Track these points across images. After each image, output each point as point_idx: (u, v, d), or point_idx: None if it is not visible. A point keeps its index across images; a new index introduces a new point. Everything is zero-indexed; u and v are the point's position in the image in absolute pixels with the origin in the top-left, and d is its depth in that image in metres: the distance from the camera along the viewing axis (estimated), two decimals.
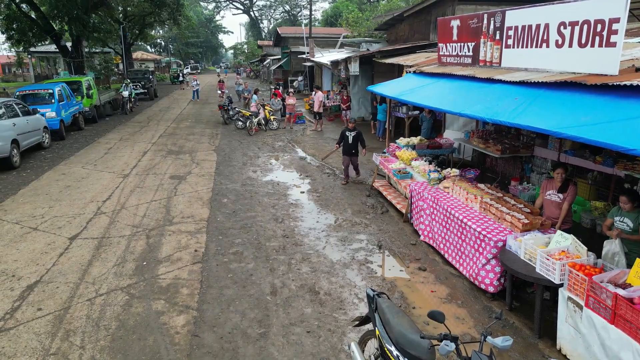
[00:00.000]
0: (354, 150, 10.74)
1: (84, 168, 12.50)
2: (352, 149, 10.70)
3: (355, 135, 10.66)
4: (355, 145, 10.72)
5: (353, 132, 10.68)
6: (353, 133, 10.67)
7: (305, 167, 12.81)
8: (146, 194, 10.21)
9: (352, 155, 10.78)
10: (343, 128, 11.01)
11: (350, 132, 10.70)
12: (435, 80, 9.15)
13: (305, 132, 18.58)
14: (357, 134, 10.67)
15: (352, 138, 10.65)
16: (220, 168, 12.64)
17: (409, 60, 12.69)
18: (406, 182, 8.86)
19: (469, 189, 7.09)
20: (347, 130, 10.76)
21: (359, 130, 10.74)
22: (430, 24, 16.34)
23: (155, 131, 18.68)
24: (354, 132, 10.69)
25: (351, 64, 17.65)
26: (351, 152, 10.73)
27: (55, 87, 17.27)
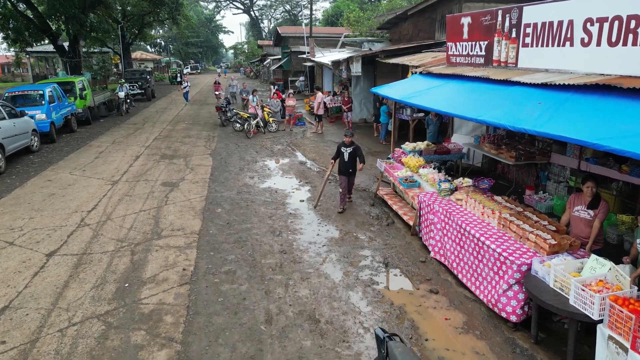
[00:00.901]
0: (351, 169, 9.19)
1: (72, 174, 11.85)
2: (349, 167, 9.14)
3: (352, 151, 9.07)
4: (352, 164, 9.15)
5: (349, 149, 9.07)
6: (349, 149, 9.06)
7: (305, 173, 12.16)
8: (135, 203, 9.56)
9: (349, 174, 9.25)
10: (339, 142, 9.44)
11: (347, 147, 9.08)
12: (444, 82, 8.49)
13: (305, 135, 17.92)
14: (353, 151, 9.06)
15: (348, 155, 9.05)
16: (216, 174, 11.98)
17: (414, 61, 12.04)
18: (414, 191, 8.21)
19: (485, 202, 6.43)
20: (343, 145, 9.17)
21: (356, 145, 9.12)
22: (436, 23, 15.69)
23: (150, 134, 18.03)
24: (350, 148, 9.07)
25: (353, 64, 16.99)
26: (347, 171, 9.19)
27: (46, 88, 16.63)
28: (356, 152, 9.08)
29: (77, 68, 34.05)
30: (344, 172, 9.21)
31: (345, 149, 9.10)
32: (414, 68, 11.61)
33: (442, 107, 6.78)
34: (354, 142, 9.19)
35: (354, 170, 9.29)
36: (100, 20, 39.44)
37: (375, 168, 12.32)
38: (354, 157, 9.12)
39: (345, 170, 9.18)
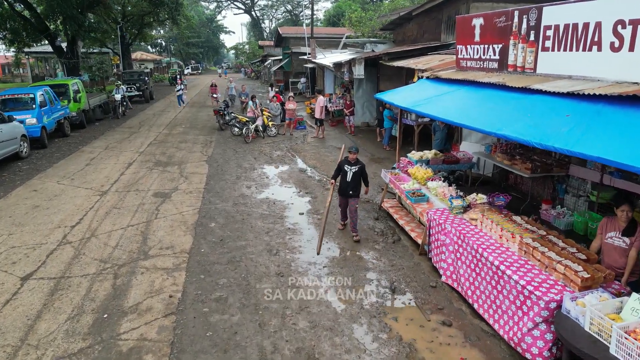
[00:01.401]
0: (353, 190, 7.81)
1: (59, 183, 11.25)
2: (351, 188, 7.79)
3: (357, 171, 7.77)
4: (355, 184, 7.81)
5: (354, 167, 7.75)
6: (354, 168, 7.74)
7: (305, 182, 11.54)
8: (123, 216, 8.96)
9: (350, 196, 7.84)
10: (341, 159, 8.12)
11: (351, 166, 7.77)
12: (455, 88, 7.87)
13: (305, 140, 17.31)
14: (359, 170, 7.78)
15: (351, 175, 7.74)
16: (211, 183, 11.38)
17: (420, 64, 11.42)
18: (422, 206, 7.58)
19: (503, 224, 5.81)
20: (346, 163, 7.86)
21: (362, 164, 7.88)
22: (442, 24, 15.07)
23: (145, 138, 17.44)
24: (355, 167, 7.76)
25: (355, 66, 16.38)
26: (348, 192, 7.82)
27: (37, 92, 16.05)
28: (362, 173, 7.84)
29: (75, 69, 33.53)
30: (344, 193, 7.90)
31: (349, 168, 7.79)
32: (420, 72, 10.99)
33: (455, 118, 6.16)
34: (360, 161, 7.91)
35: (357, 192, 7.90)
36: (99, 21, 38.97)
37: (378, 176, 11.71)
38: (358, 177, 7.81)
39: (346, 191, 7.85)
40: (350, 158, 7.86)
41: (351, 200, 7.90)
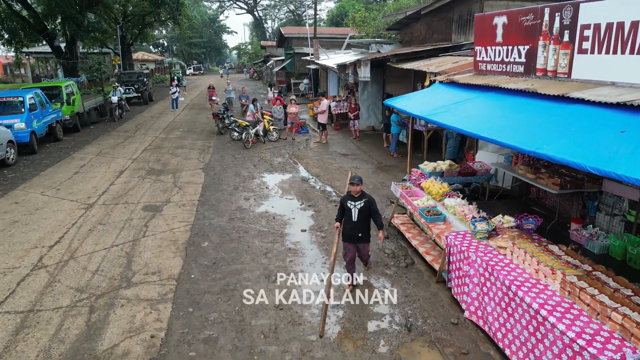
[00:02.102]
0: (362, 232, 6.18)
1: (44, 194, 10.48)
2: (359, 230, 6.15)
3: (364, 206, 6.06)
4: (363, 225, 6.16)
5: (359, 203, 6.06)
6: (360, 204, 6.06)
7: (307, 193, 10.73)
8: (107, 234, 8.16)
9: (359, 240, 6.24)
10: (342, 196, 6.52)
11: (355, 201, 6.08)
12: (475, 95, 7.05)
13: (308, 145, 16.50)
14: (365, 205, 6.06)
15: (357, 213, 6.06)
16: (207, 194, 10.58)
17: (432, 66, 10.60)
18: (438, 227, 6.77)
19: (539, 255, 4.97)
20: (349, 198, 6.16)
21: (369, 198, 6.12)
22: (453, 23, 14.24)
23: (140, 143, 16.65)
24: (360, 202, 6.07)
25: (361, 67, 15.58)
26: (357, 235, 6.18)
27: (27, 95, 15.31)
28: (370, 208, 6.11)
29: (73, 70, 32.84)
30: (351, 237, 6.21)
31: (353, 204, 6.08)
32: (432, 75, 10.19)
33: (482, 131, 5.33)
34: (366, 193, 6.21)
35: (367, 235, 6.27)
36: (99, 21, 38.31)
37: (386, 186, 10.91)
38: (366, 214, 6.12)
39: (353, 234, 6.18)
40: (353, 191, 6.11)
41: (361, 245, 6.32)
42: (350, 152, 14.84)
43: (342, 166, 13.05)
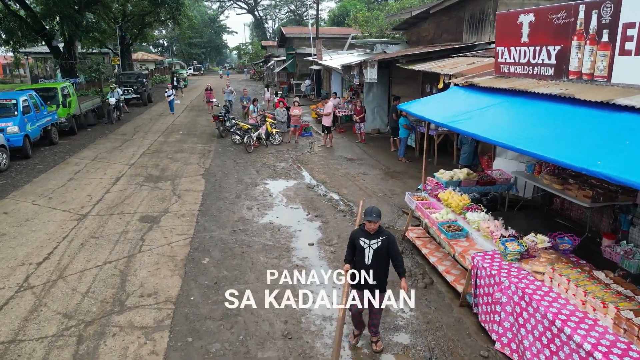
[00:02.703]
0: (377, 279, 4.79)
1: (35, 203, 9.90)
2: (373, 276, 4.76)
3: (381, 247, 4.72)
4: (379, 270, 4.78)
5: (376, 241, 4.73)
6: (376, 243, 4.72)
7: (313, 202, 10.15)
8: (101, 249, 7.58)
9: (373, 288, 4.82)
10: (353, 231, 5.01)
11: (370, 239, 4.74)
12: (500, 100, 6.46)
13: (312, 149, 15.92)
14: (383, 245, 4.73)
15: (372, 254, 4.72)
16: (207, 203, 10.00)
17: (446, 68, 10.02)
18: (460, 243, 6.19)
19: (584, 283, 4.39)
20: (362, 234, 4.80)
21: (388, 236, 4.77)
22: (464, 22, 13.66)
23: (138, 147, 16.07)
24: (377, 240, 4.73)
25: (367, 68, 15.00)
26: (369, 283, 4.80)
27: (20, 97, 14.72)
28: (389, 250, 4.76)
29: (72, 70, 32.30)
30: (365, 285, 4.79)
31: (366, 243, 4.73)
32: (446, 77, 9.62)
33: (518, 142, 4.73)
34: (384, 229, 4.83)
35: (383, 283, 4.85)
36: (98, 20, 37.78)
37: (396, 194, 10.35)
38: (383, 257, 4.75)
39: (366, 281, 4.78)
40: (370, 228, 4.70)
41: (375, 294, 4.85)
42: (357, 157, 14.27)
43: (349, 172, 12.47)
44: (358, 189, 10.97)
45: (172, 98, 25.15)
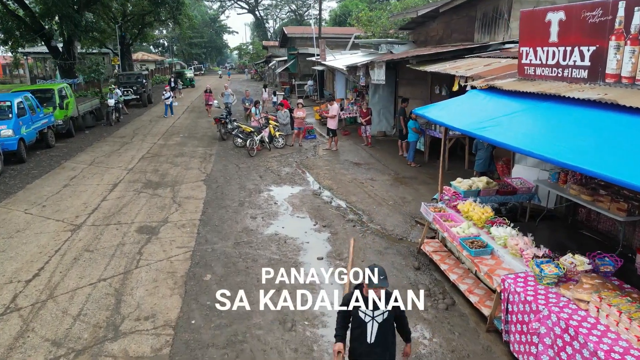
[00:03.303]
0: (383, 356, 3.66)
1: (27, 212, 9.39)
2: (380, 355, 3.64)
3: (387, 320, 3.60)
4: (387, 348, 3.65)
5: (381, 313, 3.58)
6: (381, 315, 3.58)
7: (320, 210, 9.63)
8: (95, 264, 7.07)
9: None
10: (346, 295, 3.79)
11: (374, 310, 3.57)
12: (529, 105, 5.94)
13: (317, 152, 15.41)
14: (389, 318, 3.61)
15: (375, 330, 3.57)
16: (209, 212, 9.49)
17: (460, 69, 9.49)
18: (486, 262, 5.67)
19: (638, 316, 3.88)
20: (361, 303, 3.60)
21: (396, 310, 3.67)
22: (475, 21, 13.14)
23: (137, 150, 15.56)
24: (382, 312, 3.58)
25: (375, 69, 14.50)
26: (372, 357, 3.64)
27: (15, 99, 14.22)
28: (400, 323, 3.80)
29: (71, 71, 31.82)
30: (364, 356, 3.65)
31: (368, 315, 3.58)
32: (461, 79, 9.10)
33: (560, 155, 4.20)
34: (390, 293, 3.68)
35: None
36: (97, 20, 37.33)
37: (407, 202, 9.84)
38: (391, 332, 3.69)
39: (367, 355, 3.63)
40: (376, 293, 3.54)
41: None
42: (363, 161, 13.75)
43: (357, 177, 11.95)
44: (367, 195, 10.46)
45: (171, 101, 23.86)
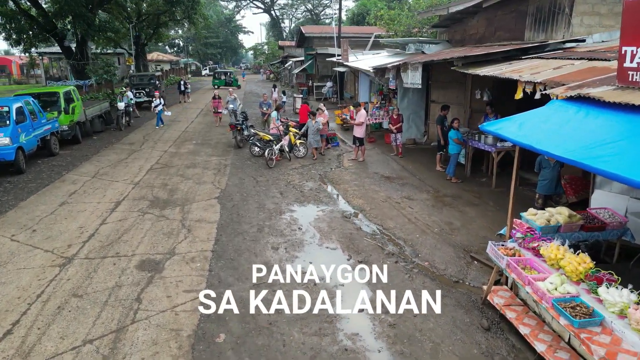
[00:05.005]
0: None
1: (14, 239, 8.10)
2: None
3: None
4: None
5: None
6: None
7: (354, 239, 8.17)
8: (82, 317, 5.70)
9: None
10: None
11: None
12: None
13: (341, 162, 13.95)
14: None
15: None
16: (223, 239, 8.09)
17: (524, 73, 7.93)
18: (597, 338, 4.15)
19: None
20: None
21: None
22: (527, 17, 11.54)
23: (146, 160, 14.27)
24: None
25: (407, 72, 12.95)
26: None
27: (14, 104, 13.03)
28: None
29: (83, 71, 30.90)
30: None
31: None
32: (526, 84, 7.55)
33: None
34: None
35: None
36: (110, 20, 36.52)
37: (456, 229, 8.33)
38: None
39: None
40: None
41: None
42: (396, 175, 12.25)
43: (391, 196, 10.46)
44: (406, 220, 8.96)
45: (160, 109, 20.59)
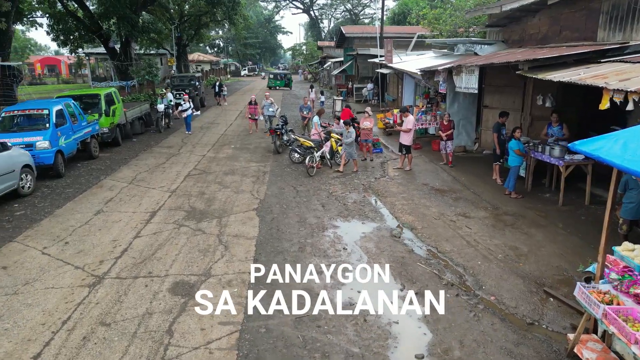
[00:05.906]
0: None
1: (45, 252, 7.72)
2: None
3: None
4: None
5: None
6: None
7: (406, 264, 7.32)
8: (108, 350, 5.12)
9: None
10: None
11: None
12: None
13: (386, 171, 13.09)
14: None
15: None
16: (262, 259, 7.43)
17: (609, 79, 6.85)
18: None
19: None
20: None
21: None
22: (600, 15, 10.31)
23: (184, 165, 13.88)
24: None
25: (461, 75, 11.95)
26: None
27: (54, 107, 12.90)
28: None
29: (127, 72, 31.32)
30: None
31: None
32: (616, 93, 6.48)
33: None
34: None
35: None
36: (154, 21, 37.07)
37: (524, 256, 7.35)
38: None
39: None
40: None
41: None
42: (447, 187, 11.27)
43: (444, 212, 9.52)
44: (464, 242, 8.03)
45: (189, 113, 19.23)
